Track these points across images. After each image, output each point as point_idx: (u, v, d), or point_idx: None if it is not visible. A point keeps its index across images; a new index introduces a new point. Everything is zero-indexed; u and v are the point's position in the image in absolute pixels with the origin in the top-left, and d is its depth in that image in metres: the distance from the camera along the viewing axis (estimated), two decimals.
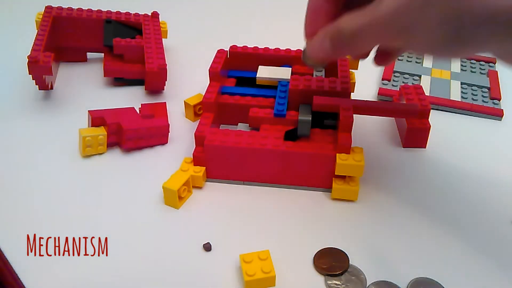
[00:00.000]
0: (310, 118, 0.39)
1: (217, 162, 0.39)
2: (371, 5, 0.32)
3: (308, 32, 0.37)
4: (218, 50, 0.48)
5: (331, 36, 0.34)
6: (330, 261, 0.34)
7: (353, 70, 0.48)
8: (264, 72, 0.45)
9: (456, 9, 0.26)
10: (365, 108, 0.41)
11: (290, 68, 0.46)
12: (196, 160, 0.40)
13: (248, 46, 0.49)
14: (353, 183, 0.38)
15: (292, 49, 0.48)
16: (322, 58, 0.36)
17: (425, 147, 0.45)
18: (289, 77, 0.44)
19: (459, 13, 0.26)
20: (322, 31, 0.35)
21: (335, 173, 0.38)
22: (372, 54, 0.37)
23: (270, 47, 0.48)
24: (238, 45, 0.49)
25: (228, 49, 0.48)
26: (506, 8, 0.25)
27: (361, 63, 0.45)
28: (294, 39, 0.47)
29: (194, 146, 0.40)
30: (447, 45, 0.29)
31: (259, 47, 0.48)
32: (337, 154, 0.38)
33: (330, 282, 0.32)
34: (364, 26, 0.32)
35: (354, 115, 0.39)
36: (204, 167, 0.40)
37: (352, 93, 0.43)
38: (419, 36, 0.29)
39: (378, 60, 0.40)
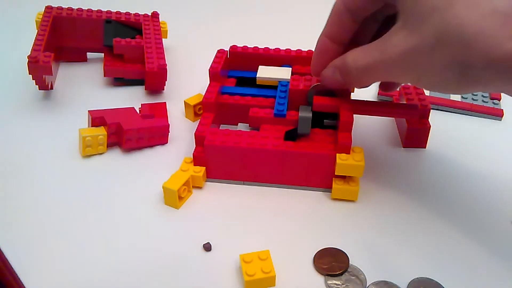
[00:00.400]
0: (311, 115, 0.39)
1: (217, 162, 0.39)
2: (379, 41, 0.32)
3: (316, 72, 0.38)
4: (218, 50, 0.48)
5: (340, 71, 0.35)
6: (330, 261, 0.34)
7: None
8: (264, 72, 0.45)
9: (461, 54, 0.27)
10: (365, 108, 0.41)
11: (290, 68, 0.46)
12: (196, 160, 0.40)
13: (248, 46, 0.49)
14: (353, 183, 0.38)
15: (292, 49, 0.48)
16: (335, 88, 0.38)
17: (425, 147, 0.45)
18: (289, 77, 0.44)
19: (464, 59, 0.27)
20: (332, 64, 0.36)
21: (335, 173, 0.38)
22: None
23: (270, 47, 0.48)
24: (238, 45, 0.49)
25: (228, 49, 0.48)
26: (503, 57, 0.26)
27: None
28: (294, 39, 0.47)
29: (194, 146, 0.40)
30: (455, 85, 0.29)
31: (259, 47, 0.48)
32: (337, 154, 0.38)
33: (330, 282, 0.32)
34: (370, 65, 0.33)
35: (354, 115, 0.39)
36: (204, 167, 0.40)
37: (352, 93, 0.43)
38: (427, 76, 0.30)
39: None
